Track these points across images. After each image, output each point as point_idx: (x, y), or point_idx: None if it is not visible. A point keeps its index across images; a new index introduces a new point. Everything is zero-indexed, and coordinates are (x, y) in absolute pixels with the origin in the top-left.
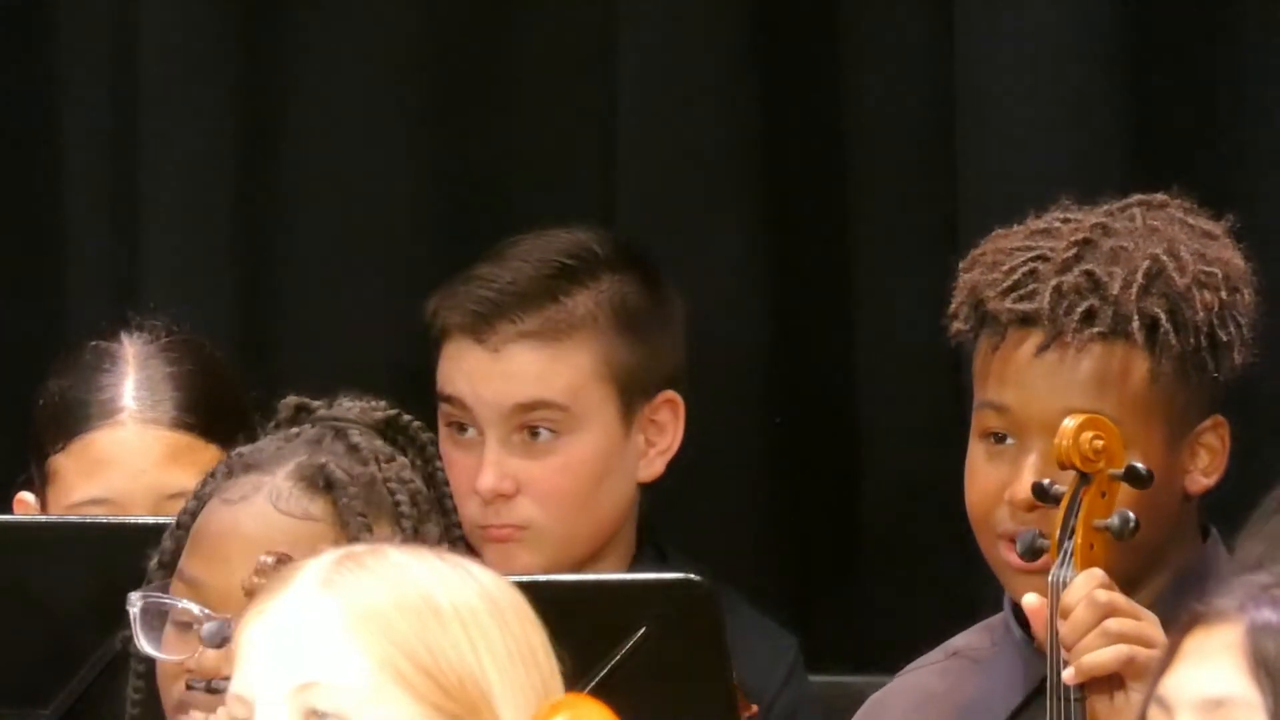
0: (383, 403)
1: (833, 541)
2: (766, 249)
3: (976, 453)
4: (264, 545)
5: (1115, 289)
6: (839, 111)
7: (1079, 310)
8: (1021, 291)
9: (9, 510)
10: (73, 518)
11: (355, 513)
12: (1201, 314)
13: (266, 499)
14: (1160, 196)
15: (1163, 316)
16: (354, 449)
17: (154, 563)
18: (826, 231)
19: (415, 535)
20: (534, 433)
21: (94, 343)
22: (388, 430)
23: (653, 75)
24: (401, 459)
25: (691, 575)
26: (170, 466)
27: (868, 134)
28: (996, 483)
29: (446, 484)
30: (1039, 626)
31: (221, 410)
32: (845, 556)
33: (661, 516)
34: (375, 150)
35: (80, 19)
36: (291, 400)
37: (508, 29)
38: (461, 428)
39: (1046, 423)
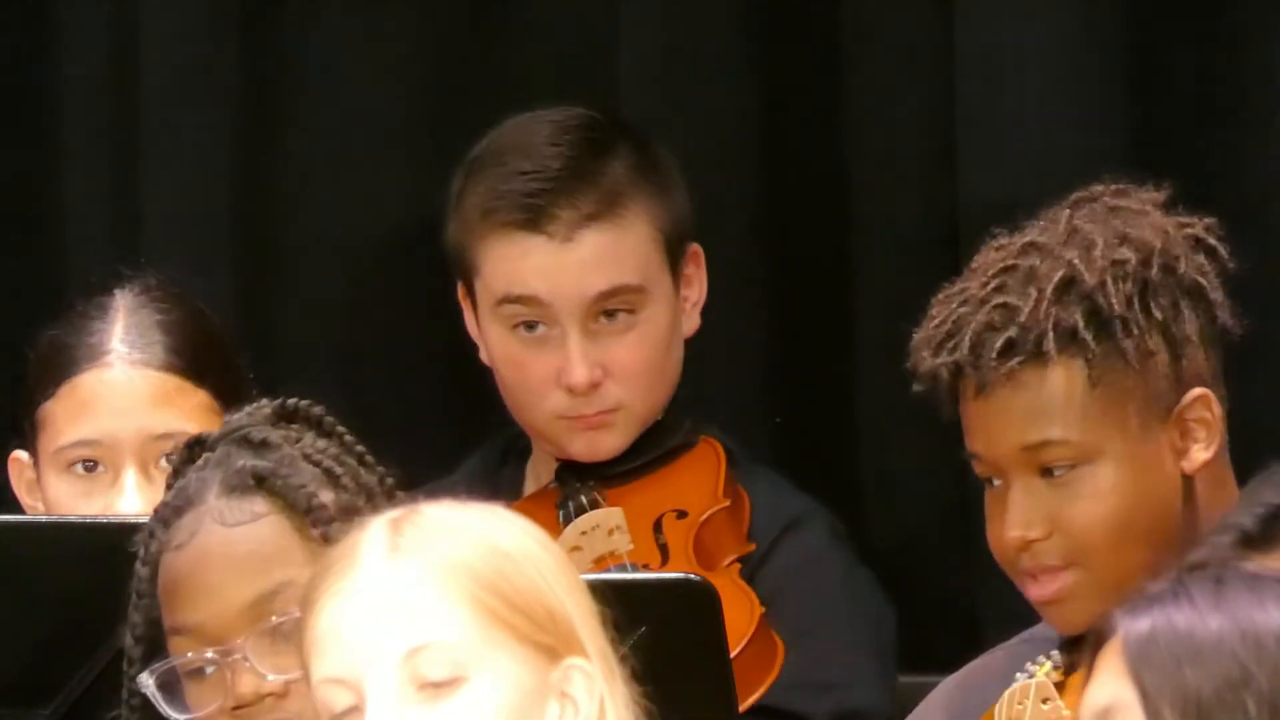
0: (265, 400)
1: None
2: (766, 249)
3: (986, 500)
4: (235, 562)
5: (1026, 312)
6: (839, 112)
7: (996, 346)
8: (947, 344)
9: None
10: (73, 518)
11: (296, 488)
12: (1118, 305)
13: (213, 523)
14: (1097, 189)
15: (1080, 322)
16: (261, 444)
17: (129, 641)
18: (826, 231)
19: (357, 489)
20: (610, 315)
21: (89, 297)
22: (279, 419)
23: (653, 75)
24: (307, 436)
25: (692, 575)
26: (158, 407)
27: (868, 134)
28: (1002, 527)
29: (358, 444)
30: None
31: (211, 356)
32: None
33: None
34: (375, 149)
35: (80, 19)
36: (179, 443)
37: (507, 28)
38: (529, 325)
39: (1011, 463)
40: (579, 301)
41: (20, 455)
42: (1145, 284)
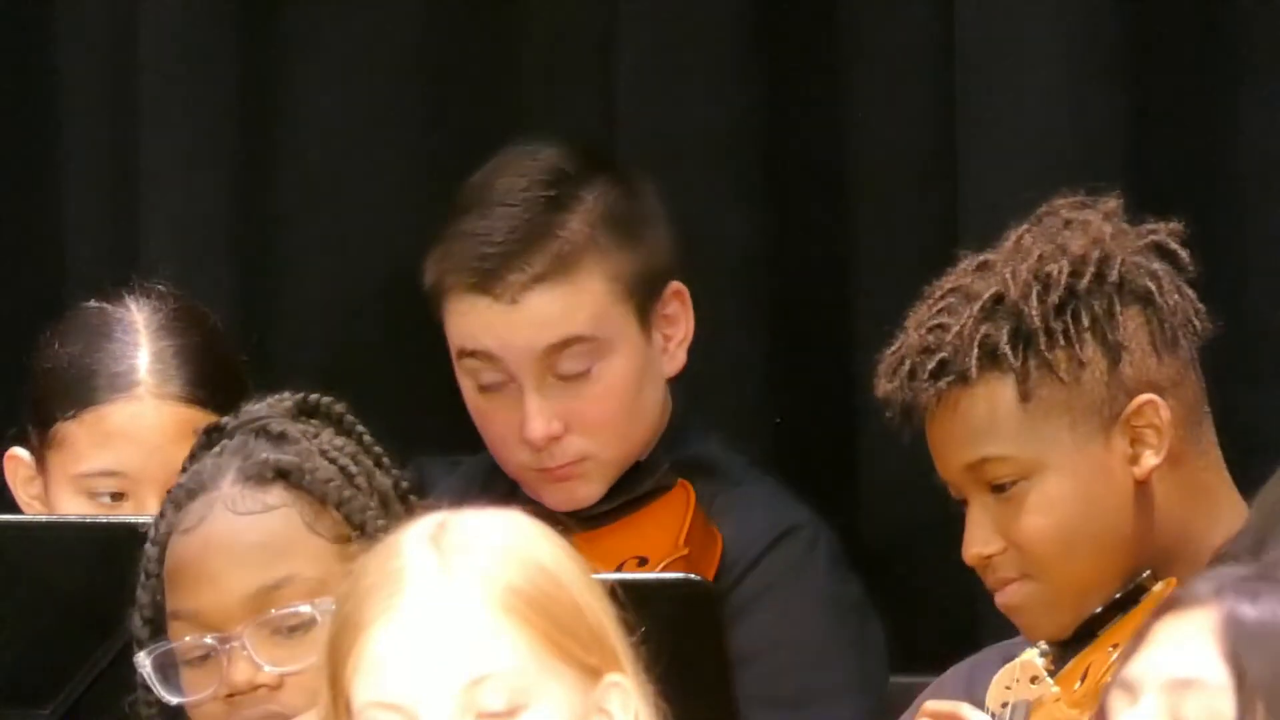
0: (286, 393)
1: None
2: (766, 249)
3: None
4: (240, 551)
5: (954, 332)
6: (839, 112)
7: (927, 371)
8: (898, 369)
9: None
10: (72, 517)
11: (324, 481)
12: (1039, 318)
13: (224, 509)
14: (1056, 202)
15: (1004, 338)
16: (280, 436)
17: (136, 621)
18: (826, 231)
19: (370, 491)
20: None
21: (97, 305)
22: (299, 414)
23: (653, 75)
24: (325, 432)
25: (692, 575)
26: (182, 441)
27: (868, 134)
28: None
29: (376, 444)
30: None
31: (227, 382)
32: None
33: None
34: (374, 149)
35: (79, 18)
36: (200, 427)
37: (507, 27)
38: (489, 378)
39: (962, 483)
40: (530, 356)
41: (18, 453)
42: (1073, 293)
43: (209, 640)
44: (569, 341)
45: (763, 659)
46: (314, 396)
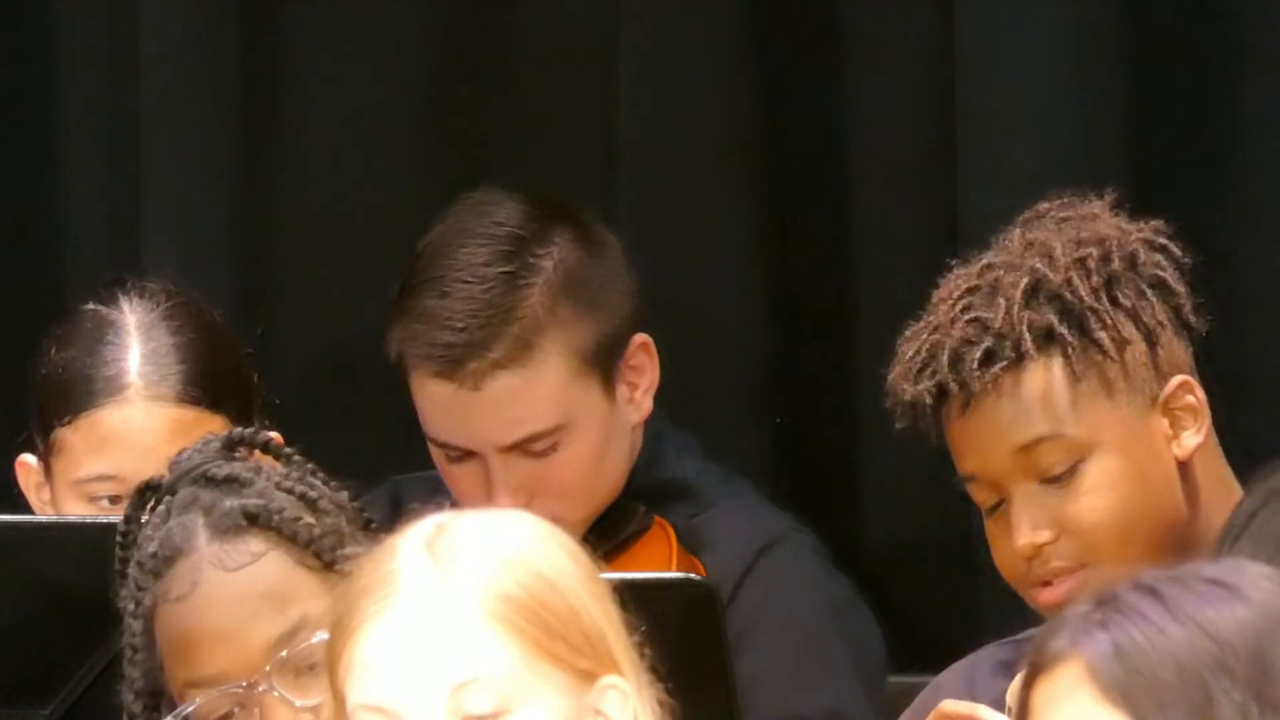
0: (210, 434)
1: (832, 543)
2: (767, 249)
3: (987, 527)
4: (249, 605)
5: (999, 320)
6: (839, 112)
7: (976, 358)
8: (925, 369)
9: (9, 474)
10: (73, 517)
11: (292, 521)
12: (1087, 296)
13: (215, 570)
14: (1042, 206)
15: (1054, 319)
16: (228, 480)
17: (129, 697)
18: (827, 231)
19: (337, 510)
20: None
21: (92, 308)
22: (231, 451)
23: (653, 75)
24: (265, 466)
25: (692, 575)
26: (178, 441)
27: (868, 134)
28: (1011, 548)
29: (309, 462)
30: None
31: (225, 379)
32: (844, 558)
33: None
34: (374, 148)
35: (79, 18)
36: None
37: (508, 26)
38: (457, 457)
39: (1008, 472)
40: (493, 444)
41: (28, 460)
42: (1110, 277)
43: (235, 690)
44: (533, 438)
45: (772, 679)
46: (236, 431)
